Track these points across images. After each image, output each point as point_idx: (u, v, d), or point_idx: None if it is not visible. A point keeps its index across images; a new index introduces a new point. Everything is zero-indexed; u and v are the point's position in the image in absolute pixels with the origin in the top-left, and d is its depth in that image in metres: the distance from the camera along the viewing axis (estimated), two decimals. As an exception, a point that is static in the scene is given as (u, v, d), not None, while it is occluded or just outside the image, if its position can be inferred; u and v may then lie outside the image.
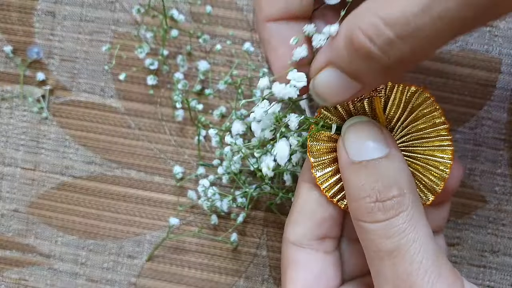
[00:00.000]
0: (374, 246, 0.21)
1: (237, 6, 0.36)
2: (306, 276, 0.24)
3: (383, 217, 0.21)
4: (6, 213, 0.37)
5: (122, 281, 0.37)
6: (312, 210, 0.24)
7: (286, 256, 0.25)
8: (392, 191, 0.21)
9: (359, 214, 0.22)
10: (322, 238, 0.25)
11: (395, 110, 0.24)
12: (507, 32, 0.35)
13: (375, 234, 0.21)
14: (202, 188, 0.34)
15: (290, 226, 0.25)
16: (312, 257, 0.24)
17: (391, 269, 0.21)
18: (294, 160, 0.31)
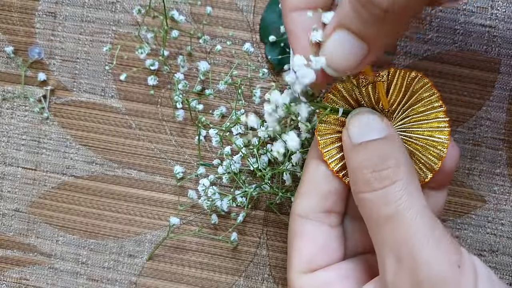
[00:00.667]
0: (374, 214, 0.22)
1: (237, 7, 0.36)
2: (311, 247, 0.25)
3: (379, 185, 0.22)
4: (7, 213, 0.38)
5: (123, 280, 0.37)
6: (319, 183, 0.26)
7: (293, 228, 0.26)
8: (388, 163, 0.22)
9: (358, 186, 0.23)
10: (327, 211, 0.26)
11: (396, 94, 0.26)
12: (506, 32, 0.35)
13: (373, 203, 0.22)
14: (202, 187, 0.34)
15: (298, 199, 0.26)
16: (317, 229, 0.25)
17: (391, 234, 0.22)
18: (294, 160, 0.31)
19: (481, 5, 0.35)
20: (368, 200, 0.23)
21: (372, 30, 0.21)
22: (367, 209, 0.23)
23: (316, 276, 0.25)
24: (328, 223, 0.26)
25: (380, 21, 0.21)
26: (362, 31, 0.22)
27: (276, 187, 0.34)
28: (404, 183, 0.22)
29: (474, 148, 0.35)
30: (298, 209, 0.26)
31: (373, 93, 0.26)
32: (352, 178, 0.24)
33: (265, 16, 0.36)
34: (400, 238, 0.21)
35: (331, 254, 0.26)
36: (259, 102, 0.36)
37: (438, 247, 0.21)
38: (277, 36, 0.35)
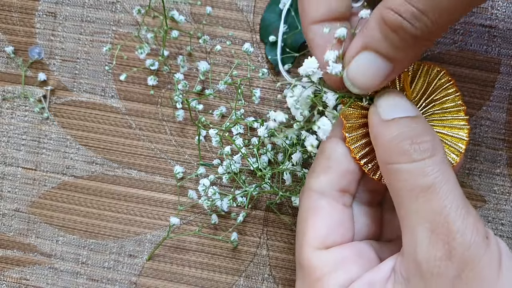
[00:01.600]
0: (408, 185, 0.23)
1: (237, 7, 0.36)
2: (328, 222, 0.25)
3: (419, 157, 0.23)
4: (7, 213, 0.38)
5: (123, 280, 0.37)
6: (338, 160, 0.26)
7: (307, 203, 0.26)
8: (426, 137, 0.23)
9: (394, 158, 0.23)
10: (343, 190, 0.26)
11: (420, 87, 0.27)
12: (506, 32, 0.35)
13: (410, 173, 0.23)
14: (202, 187, 0.34)
15: (314, 176, 0.26)
16: (333, 206, 0.26)
17: (426, 205, 0.22)
18: (294, 159, 0.31)
19: (481, 5, 0.35)
20: (404, 170, 0.23)
21: (401, 53, 0.23)
22: (401, 180, 0.23)
23: (331, 253, 0.25)
24: (342, 203, 0.26)
25: (410, 46, 0.22)
26: (391, 53, 0.23)
27: (276, 187, 0.34)
28: (441, 157, 0.23)
29: (474, 148, 0.35)
30: (315, 185, 0.26)
31: (398, 83, 0.27)
32: (385, 151, 0.24)
33: (265, 16, 0.36)
34: (435, 208, 0.22)
35: (345, 233, 0.26)
36: (259, 102, 0.36)
37: (469, 219, 0.22)
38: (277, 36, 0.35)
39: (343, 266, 0.25)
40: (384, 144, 0.24)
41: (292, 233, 0.36)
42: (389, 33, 0.22)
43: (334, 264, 0.25)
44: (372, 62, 0.23)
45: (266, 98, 0.36)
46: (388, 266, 0.24)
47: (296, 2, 0.36)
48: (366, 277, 0.24)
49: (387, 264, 0.24)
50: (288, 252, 0.36)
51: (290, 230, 0.36)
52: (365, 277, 0.24)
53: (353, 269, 0.25)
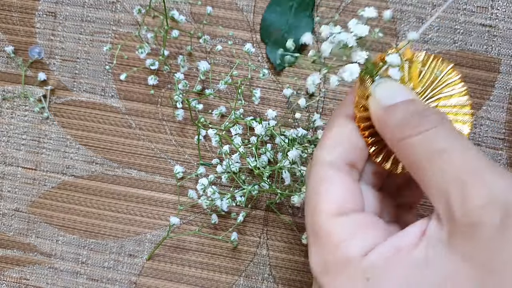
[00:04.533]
0: (426, 152, 0.23)
1: (238, 7, 0.36)
2: (343, 190, 0.25)
3: (430, 125, 0.23)
4: (7, 213, 0.38)
5: (123, 280, 0.37)
6: (349, 135, 0.26)
7: (319, 175, 0.26)
8: (432, 112, 0.24)
9: (406, 133, 0.23)
10: (352, 164, 0.26)
11: (426, 79, 0.27)
12: (506, 32, 0.35)
13: (425, 142, 0.23)
14: (201, 186, 0.34)
15: (325, 149, 0.26)
16: (344, 178, 0.26)
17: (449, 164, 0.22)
18: (291, 157, 0.31)
19: (481, 4, 0.35)
20: (418, 141, 0.23)
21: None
22: (418, 150, 0.23)
23: (349, 218, 0.25)
24: (351, 176, 0.26)
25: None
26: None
27: (275, 186, 0.34)
28: (450, 125, 0.23)
29: (474, 148, 0.35)
30: (326, 157, 0.26)
31: (408, 72, 0.27)
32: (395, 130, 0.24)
33: (266, 16, 0.36)
34: (459, 164, 0.22)
35: (358, 202, 0.26)
36: (259, 102, 0.36)
37: (498, 169, 0.22)
38: (278, 36, 0.35)
39: (362, 231, 0.24)
40: (392, 125, 0.24)
41: (292, 232, 0.36)
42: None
43: (353, 229, 0.24)
44: None
45: (266, 98, 0.36)
46: (417, 231, 0.23)
47: (299, 1, 0.36)
48: (391, 241, 0.23)
49: (415, 229, 0.23)
50: (288, 252, 0.36)
51: (290, 230, 0.36)
52: (390, 242, 0.23)
53: (373, 234, 0.24)
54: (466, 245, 0.21)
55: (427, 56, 0.27)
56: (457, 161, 0.22)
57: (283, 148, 0.34)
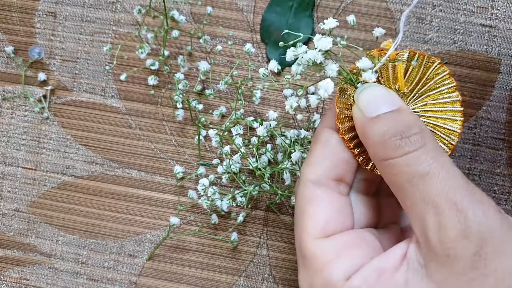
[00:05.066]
0: (407, 175, 0.23)
1: (238, 7, 0.36)
2: (326, 211, 0.25)
3: (411, 148, 0.23)
4: (7, 213, 0.38)
5: (123, 280, 0.37)
6: (333, 150, 0.26)
7: (304, 194, 0.26)
8: (414, 129, 0.23)
9: (387, 154, 0.23)
10: (338, 179, 0.26)
11: (414, 77, 0.27)
12: (506, 32, 0.35)
13: (406, 165, 0.23)
14: (202, 187, 0.34)
15: (309, 167, 0.26)
16: (330, 195, 0.25)
17: (428, 190, 0.22)
18: (294, 159, 0.31)
19: (481, 5, 0.35)
20: (400, 163, 0.23)
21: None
22: (399, 172, 0.23)
23: (333, 240, 0.25)
24: (338, 191, 0.26)
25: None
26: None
27: (276, 186, 0.34)
28: (433, 145, 0.23)
29: (474, 148, 0.35)
30: (311, 174, 0.26)
31: (393, 73, 0.26)
32: (377, 148, 0.24)
33: (266, 16, 0.36)
34: (439, 191, 0.22)
35: (345, 220, 0.26)
36: (259, 102, 0.36)
37: (476, 195, 0.22)
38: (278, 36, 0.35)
39: (346, 253, 0.24)
40: (374, 142, 0.24)
41: (292, 233, 0.36)
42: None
43: (337, 251, 0.24)
44: None
45: (266, 98, 0.36)
46: (398, 253, 0.24)
47: (299, 1, 0.36)
48: (375, 263, 0.24)
49: (397, 251, 0.24)
50: (288, 252, 0.36)
51: (290, 230, 0.36)
52: (374, 264, 0.24)
53: (357, 255, 0.24)
54: (441, 274, 0.21)
55: (412, 54, 0.26)
56: (436, 186, 0.22)
57: (284, 149, 0.34)
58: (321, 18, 0.36)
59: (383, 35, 0.30)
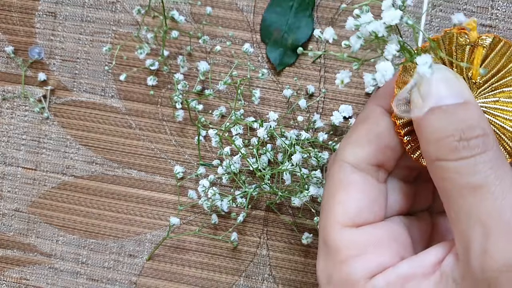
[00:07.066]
0: (457, 184, 0.20)
1: (237, 7, 0.36)
2: (360, 199, 0.23)
3: (469, 154, 0.20)
4: (7, 213, 0.38)
5: (123, 280, 0.37)
6: (381, 133, 0.23)
7: (338, 176, 0.23)
8: (477, 131, 0.20)
9: (441, 154, 0.21)
10: (379, 165, 0.24)
11: (492, 66, 0.23)
12: (506, 32, 0.35)
13: (459, 172, 0.20)
14: (202, 188, 0.34)
15: (350, 147, 0.23)
16: (367, 182, 0.23)
17: (478, 205, 0.20)
18: (294, 161, 0.31)
19: (481, 5, 0.35)
20: (452, 168, 0.20)
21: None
22: (449, 178, 0.20)
23: (362, 232, 0.22)
24: (377, 178, 0.24)
25: None
26: None
27: (276, 187, 0.34)
28: (494, 154, 0.20)
29: (474, 148, 0.35)
30: (351, 156, 0.23)
31: (469, 57, 0.23)
32: (430, 145, 0.21)
33: (266, 16, 0.36)
34: (489, 209, 0.19)
35: (377, 211, 0.23)
36: (259, 103, 0.36)
37: None
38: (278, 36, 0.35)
39: (374, 248, 0.22)
40: (427, 137, 0.21)
41: (292, 233, 0.36)
42: None
43: (364, 246, 0.22)
44: None
45: (266, 98, 0.36)
46: (431, 260, 0.21)
47: (299, 1, 0.36)
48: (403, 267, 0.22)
49: (429, 257, 0.22)
50: (288, 252, 0.36)
51: (290, 230, 0.36)
52: (401, 267, 0.22)
53: (385, 254, 0.22)
54: None
55: (496, 40, 0.23)
56: (489, 204, 0.19)
57: (284, 149, 0.34)
58: (321, 18, 0.36)
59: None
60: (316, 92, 0.36)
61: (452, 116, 0.20)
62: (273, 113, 0.35)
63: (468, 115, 0.20)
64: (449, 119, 0.20)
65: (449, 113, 0.20)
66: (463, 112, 0.20)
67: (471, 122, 0.20)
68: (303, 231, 0.36)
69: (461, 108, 0.21)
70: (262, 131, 0.32)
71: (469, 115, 0.20)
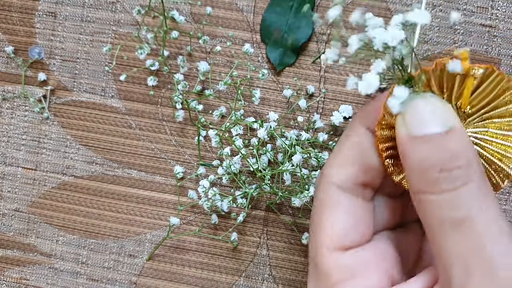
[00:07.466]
0: (439, 218, 0.20)
1: (237, 7, 0.36)
2: (347, 220, 0.23)
3: (450, 186, 0.19)
4: (7, 213, 0.38)
5: (123, 280, 0.37)
6: (365, 154, 0.23)
7: (324, 198, 0.23)
8: (459, 161, 0.20)
9: (422, 186, 0.20)
10: (365, 185, 0.23)
11: (482, 98, 0.23)
12: (506, 32, 0.35)
13: (440, 205, 0.20)
14: (202, 188, 0.34)
15: (335, 167, 0.23)
16: (352, 202, 0.23)
17: (460, 242, 0.19)
18: (295, 161, 0.31)
19: (481, 5, 0.35)
20: (433, 202, 0.20)
21: None
22: (430, 212, 0.20)
23: (350, 256, 0.22)
24: (363, 197, 0.23)
25: None
26: None
27: (276, 187, 0.34)
28: (477, 185, 0.20)
29: (474, 148, 0.35)
30: (335, 176, 0.23)
31: (458, 85, 0.22)
32: (414, 177, 0.21)
33: (266, 16, 0.36)
34: (471, 247, 0.19)
35: (364, 230, 0.23)
36: (259, 103, 0.36)
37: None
38: (278, 36, 0.35)
39: (363, 271, 0.22)
40: (411, 167, 0.21)
41: (292, 233, 0.36)
42: None
43: (353, 270, 0.22)
44: None
45: (266, 98, 0.36)
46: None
47: (299, 1, 0.36)
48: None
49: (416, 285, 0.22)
50: (288, 252, 0.36)
51: (290, 230, 0.36)
52: None
53: (374, 276, 0.22)
54: None
55: (489, 71, 0.22)
56: (471, 241, 0.19)
57: (284, 150, 0.34)
58: (321, 18, 0.36)
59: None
60: (316, 92, 0.36)
61: (435, 146, 0.20)
62: (273, 113, 0.35)
63: (452, 143, 0.20)
64: (432, 149, 0.20)
65: (432, 142, 0.20)
66: (446, 141, 0.20)
67: (454, 151, 0.20)
68: (303, 231, 0.36)
69: (445, 136, 0.20)
70: (262, 131, 0.32)
71: (452, 143, 0.20)
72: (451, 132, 0.20)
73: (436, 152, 0.20)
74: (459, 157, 0.20)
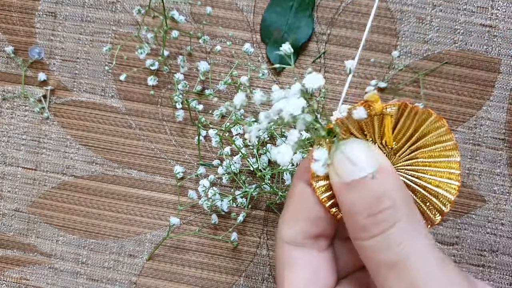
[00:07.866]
0: (374, 261, 0.21)
1: (237, 7, 0.36)
2: (304, 275, 0.24)
3: (377, 230, 0.20)
4: (7, 213, 0.38)
5: (123, 280, 0.37)
6: (309, 207, 0.23)
7: (281, 256, 0.24)
8: (383, 204, 0.20)
9: (355, 233, 0.21)
10: (316, 236, 0.24)
11: (404, 131, 0.24)
12: (506, 32, 0.35)
13: (373, 250, 0.20)
14: (202, 188, 0.34)
15: (284, 225, 0.24)
16: (307, 256, 0.24)
17: (396, 282, 0.20)
18: (295, 160, 0.31)
19: (481, 5, 0.35)
20: (367, 247, 0.21)
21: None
22: (368, 256, 0.21)
23: None
24: (318, 249, 0.24)
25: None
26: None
27: (276, 187, 0.34)
28: (404, 223, 0.20)
29: (474, 148, 0.35)
30: (286, 235, 0.24)
31: (378, 125, 0.23)
32: (348, 223, 0.21)
33: (266, 16, 0.36)
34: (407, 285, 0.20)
35: (326, 280, 0.24)
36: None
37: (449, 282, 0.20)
38: (278, 36, 0.35)
39: None
40: (345, 214, 0.21)
41: (292, 233, 0.36)
42: None
43: None
44: None
45: (266, 98, 0.36)
46: None
47: (299, 1, 0.36)
48: None
49: None
50: (288, 252, 0.36)
51: (290, 230, 0.36)
52: None
53: None
54: None
55: (402, 107, 0.23)
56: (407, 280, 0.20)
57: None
58: (321, 18, 0.36)
59: (374, 87, 0.27)
60: (316, 92, 0.36)
61: (361, 191, 0.20)
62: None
63: (376, 185, 0.20)
64: (359, 194, 0.20)
65: (358, 187, 0.21)
66: (371, 184, 0.20)
67: (378, 193, 0.20)
68: (303, 231, 0.36)
69: (370, 179, 0.20)
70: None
71: (376, 185, 0.20)
72: (378, 172, 0.20)
73: (362, 197, 0.20)
74: (383, 199, 0.20)
